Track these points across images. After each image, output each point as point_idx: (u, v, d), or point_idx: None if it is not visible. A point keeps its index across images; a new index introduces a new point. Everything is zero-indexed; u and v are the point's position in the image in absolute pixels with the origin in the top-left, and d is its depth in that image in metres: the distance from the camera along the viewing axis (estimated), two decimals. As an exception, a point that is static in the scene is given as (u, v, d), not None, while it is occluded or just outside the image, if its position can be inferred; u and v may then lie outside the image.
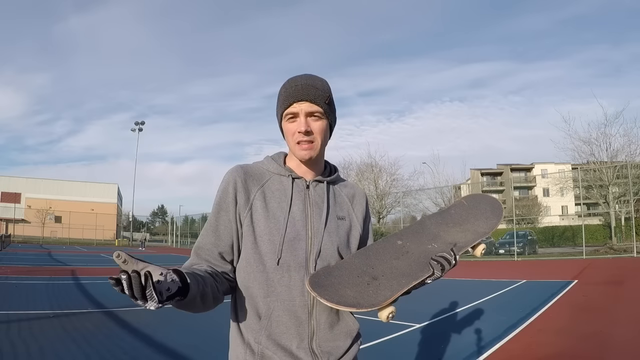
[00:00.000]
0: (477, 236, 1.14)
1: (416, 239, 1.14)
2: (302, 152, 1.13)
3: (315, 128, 1.12)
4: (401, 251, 1.10)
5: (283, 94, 1.13)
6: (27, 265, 14.60)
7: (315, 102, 1.11)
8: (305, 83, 1.12)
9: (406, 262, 1.07)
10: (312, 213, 1.15)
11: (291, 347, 1.06)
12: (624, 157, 21.86)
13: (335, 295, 0.97)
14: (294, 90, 1.11)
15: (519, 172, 55.69)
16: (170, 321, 5.93)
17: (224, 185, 1.14)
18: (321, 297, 0.96)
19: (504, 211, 27.91)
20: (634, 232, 18.51)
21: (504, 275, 12.37)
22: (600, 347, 4.43)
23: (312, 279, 1.01)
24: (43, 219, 45.58)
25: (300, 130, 1.10)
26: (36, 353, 4.04)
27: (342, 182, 1.29)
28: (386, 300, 0.98)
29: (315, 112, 1.12)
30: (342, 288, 1.00)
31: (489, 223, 1.19)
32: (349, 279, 1.03)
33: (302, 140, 1.11)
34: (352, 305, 0.95)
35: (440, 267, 1.02)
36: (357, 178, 34.59)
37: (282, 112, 1.14)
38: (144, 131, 44.16)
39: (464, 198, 1.28)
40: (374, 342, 4.55)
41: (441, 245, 1.11)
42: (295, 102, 1.11)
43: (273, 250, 1.08)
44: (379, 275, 1.04)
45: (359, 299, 0.97)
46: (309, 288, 0.98)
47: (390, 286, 1.01)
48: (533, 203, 45.53)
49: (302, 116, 1.11)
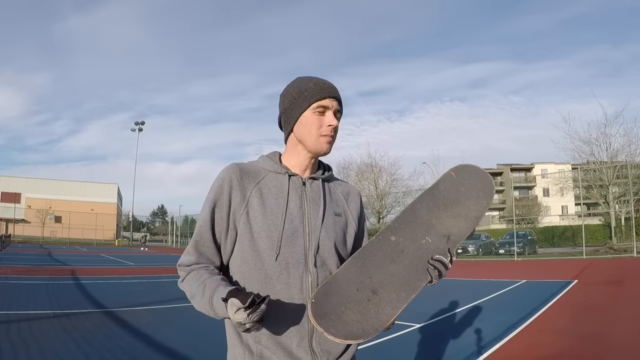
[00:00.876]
0: (469, 223, 1.14)
1: (410, 232, 1.13)
2: (326, 146, 1.16)
3: (337, 127, 1.18)
4: (396, 250, 1.10)
5: (314, 87, 1.15)
6: (27, 265, 14.60)
7: (340, 104, 1.18)
8: (332, 85, 1.18)
9: (403, 267, 1.07)
10: (309, 209, 1.15)
11: (291, 346, 1.06)
12: (624, 157, 21.87)
13: (340, 323, 0.98)
14: (328, 86, 1.16)
15: (519, 172, 55.71)
16: (170, 321, 5.93)
17: (219, 182, 1.13)
18: (328, 332, 0.96)
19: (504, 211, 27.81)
20: (634, 232, 18.50)
21: (504, 275, 12.36)
22: (600, 347, 4.43)
23: (315, 308, 0.99)
24: (43, 219, 45.57)
25: (332, 124, 1.14)
26: (36, 353, 4.04)
27: (336, 180, 1.30)
28: (389, 320, 1.00)
29: (338, 112, 1.18)
30: (344, 311, 0.99)
31: (480, 204, 1.17)
32: (348, 295, 1.02)
33: (328, 134, 1.14)
34: (359, 336, 0.97)
35: (438, 274, 1.05)
36: (357, 178, 34.58)
37: (312, 102, 1.14)
38: (144, 131, 44.22)
39: (453, 170, 1.26)
40: (373, 342, 4.54)
41: (435, 239, 1.11)
42: (329, 98, 1.15)
43: (271, 247, 1.08)
44: (378, 287, 1.04)
45: (363, 323, 0.98)
46: (314, 322, 0.97)
47: (390, 301, 1.02)
48: (533, 203, 45.55)
49: (333, 112, 1.16)
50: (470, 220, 1.15)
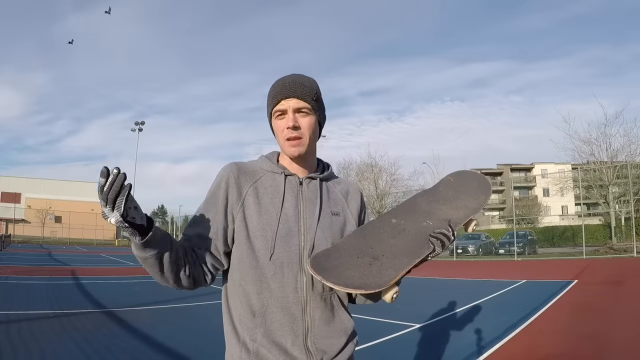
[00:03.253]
0: (469, 212, 1.15)
1: (410, 217, 1.13)
2: (291, 149, 1.14)
3: (304, 124, 1.13)
4: (397, 229, 1.10)
5: (271, 93, 1.15)
6: (27, 265, 14.60)
7: (302, 99, 1.13)
8: (292, 81, 1.14)
9: (404, 241, 1.07)
10: (304, 209, 1.15)
11: (286, 345, 1.06)
12: (624, 157, 21.86)
13: (341, 277, 0.96)
14: (282, 87, 1.13)
15: (519, 172, 55.68)
16: (170, 321, 5.94)
17: (217, 180, 1.15)
18: (326, 280, 0.94)
19: (504, 211, 27.86)
20: (634, 232, 18.52)
21: (504, 275, 12.36)
22: (600, 347, 4.43)
23: (313, 262, 1.00)
24: (43, 219, 45.60)
25: (288, 126, 1.12)
26: (36, 353, 4.04)
27: (335, 179, 1.29)
28: (392, 279, 0.98)
29: (302, 108, 1.13)
30: (345, 270, 0.99)
31: (478, 199, 1.19)
32: (349, 260, 1.02)
33: (290, 136, 1.12)
34: (359, 287, 0.94)
35: (440, 243, 1.04)
36: (357, 178, 34.57)
37: (270, 109, 1.16)
38: (144, 131, 44.19)
39: (451, 175, 1.27)
40: (373, 342, 4.55)
41: (436, 222, 1.11)
42: (283, 99, 1.13)
43: (266, 246, 1.09)
44: (379, 255, 1.04)
45: (365, 279, 0.96)
46: (311, 271, 0.97)
47: (393, 265, 1.01)
48: (533, 203, 45.53)
49: (290, 112, 1.13)
50: (470, 210, 1.16)
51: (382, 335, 4.90)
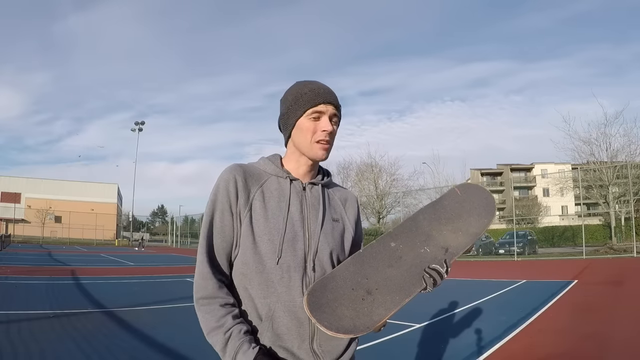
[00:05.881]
0: (468, 239, 1.16)
1: (409, 240, 1.15)
2: (320, 152, 1.15)
3: (334, 132, 1.17)
4: (394, 256, 1.12)
5: (309, 93, 1.15)
6: (27, 265, 14.60)
7: (337, 108, 1.17)
8: (329, 89, 1.17)
9: (399, 272, 1.09)
10: (309, 214, 1.16)
11: (292, 348, 1.07)
12: (624, 157, 21.88)
13: (333, 317, 1.00)
14: (323, 91, 1.15)
15: (519, 172, 55.69)
16: (170, 321, 5.94)
17: (224, 183, 1.12)
18: (320, 324, 0.98)
19: (504, 211, 27.86)
20: (634, 232, 18.53)
21: (504, 275, 12.37)
22: (600, 347, 4.43)
23: (310, 299, 1.01)
24: (43, 219, 45.57)
25: (326, 129, 1.13)
26: (36, 353, 4.04)
27: (335, 186, 1.31)
28: (381, 319, 1.02)
29: (335, 116, 1.17)
30: (338, 307, 1.02)
31: (480, 222, 1.20)
32: (344, 292, 1.05)
33: (323, 139, 1.14)
34: (350, 331, 0.99)
35: (433, 282, 1.07)
36: (357, 178, 34.60)
37: (307, 108, 1.14)
38: (144, 131, 44.23)
39: (458, 187, 1.28)
40: (373, 342, 4.55)
41: (433, 249, 1.13)
42: (323, 103, 1.14)
43: (273, 250, 1.08)
44: (373, 288, 1.06)
45: (355, 319, 1.01)
46: (308, 312, 0.99)
47: (384, 303, 1.04)
48: (533, 203, 45.58)
49: (327, 117, 1.15)
50: (470, 236, 1.17)
51: (382, 335, 4.89)
